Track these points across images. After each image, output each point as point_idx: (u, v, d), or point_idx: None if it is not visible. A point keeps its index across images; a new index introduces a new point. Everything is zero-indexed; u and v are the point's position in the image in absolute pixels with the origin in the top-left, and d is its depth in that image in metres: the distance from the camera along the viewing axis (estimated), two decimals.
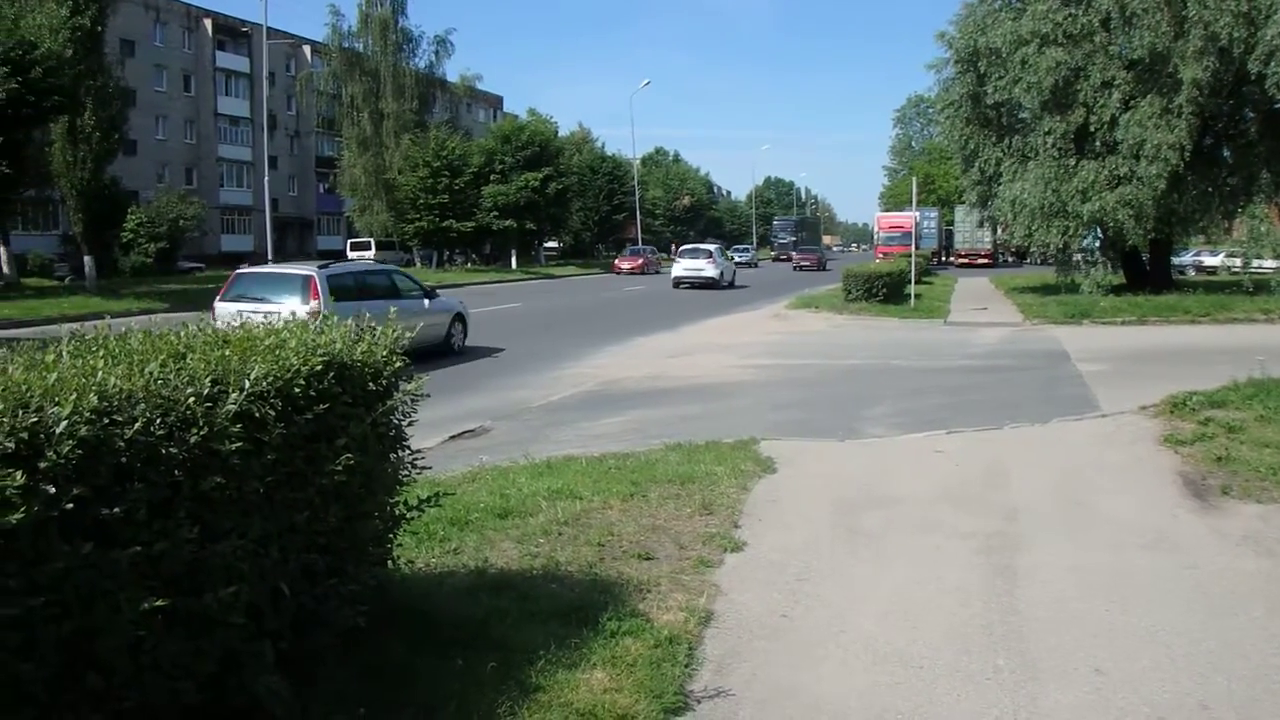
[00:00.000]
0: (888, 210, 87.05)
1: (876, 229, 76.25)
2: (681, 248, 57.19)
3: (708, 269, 46.06)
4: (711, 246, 54.56)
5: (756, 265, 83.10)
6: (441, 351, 18.50)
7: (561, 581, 5.81)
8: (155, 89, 69.33)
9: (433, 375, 5.75)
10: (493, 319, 26.91)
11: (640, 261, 65.78)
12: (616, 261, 68.06)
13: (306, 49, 78.11)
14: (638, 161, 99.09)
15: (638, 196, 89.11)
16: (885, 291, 30.49)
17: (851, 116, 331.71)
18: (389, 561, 5.08)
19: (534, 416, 12.69)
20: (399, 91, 62.69)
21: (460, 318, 20.04)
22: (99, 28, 39.27)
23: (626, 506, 7.45)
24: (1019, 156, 30.71)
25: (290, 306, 14.36)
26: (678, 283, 45.69)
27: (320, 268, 16.97)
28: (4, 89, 30.49)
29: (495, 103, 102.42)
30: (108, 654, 3.13)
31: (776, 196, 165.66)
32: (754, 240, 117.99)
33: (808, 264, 72.19)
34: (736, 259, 69.98)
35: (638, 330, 24.87)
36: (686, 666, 4.84)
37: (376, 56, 62.68)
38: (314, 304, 15.42)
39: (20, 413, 2.96)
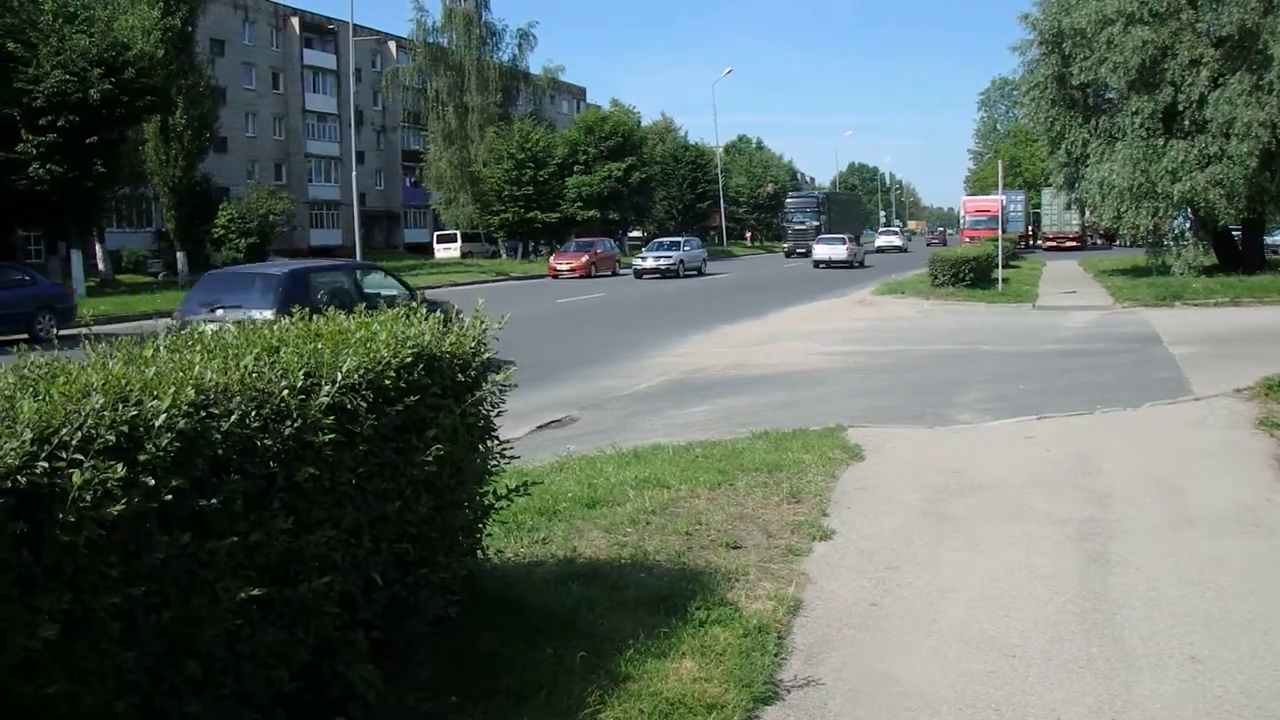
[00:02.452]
0: (973, 194, 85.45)
1: (962, 213, 75.05)
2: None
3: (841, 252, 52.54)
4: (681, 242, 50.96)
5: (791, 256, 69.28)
6: None
7: (650, 570, 5.80)
8: (245, 87, 70.81)
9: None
10: (579, 309, 27.03)
11: (585, 260, 47.89)
12: (552, 261, 49.96)
13: (392, 45, 79.15)
14: (721, 149, 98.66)
15: (721, 185, 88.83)
16: (972, 276, 30.00)
17: (935, 99, 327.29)
18: (479, 551, 5.11)
19: (619, 406, 12.71)
20: (483, 85, 63.24)
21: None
22: (189, 28, 40.30)
23: (714, 495, 7.42)
24: (1106, 137, 30.00)
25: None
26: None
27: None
28: (99, 90, 31.45)
29: (578, 94, 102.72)
30: (206, 642, 3.18)
31: (860, 182, 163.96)
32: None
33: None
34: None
35: (721, 318, 24.78)
36: (776, 656, 4.79)
37: (460, 51, 63.29)
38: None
39: (120, 406, 3.01)
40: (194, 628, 3.13)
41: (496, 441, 5.06)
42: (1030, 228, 76.59)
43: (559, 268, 47.45)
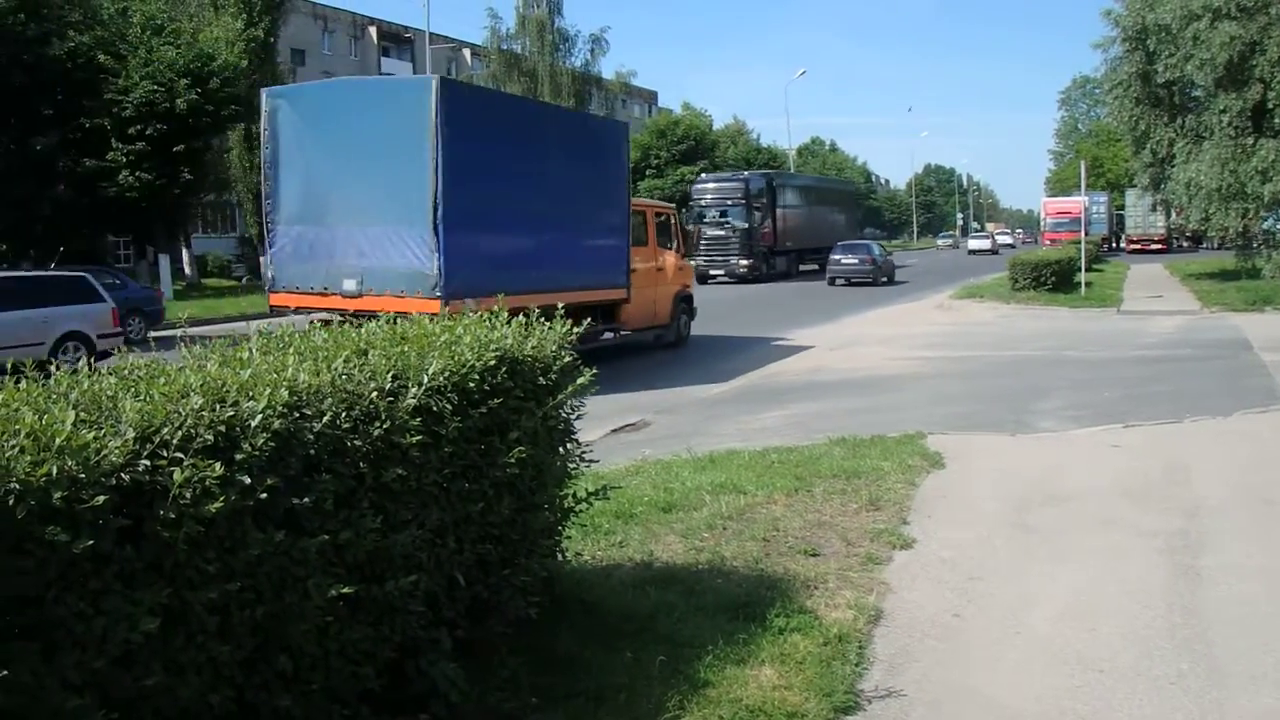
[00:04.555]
0: (1054, 195, 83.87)
1: (1043, 215, 73.63)
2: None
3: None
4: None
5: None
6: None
7: (727, 577, 5.79)
8: None
9: None
10: None
11: None
12: None
13: (466, 52, 79.95)
14: (794, 152, 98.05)
15: None
16: (1054, 280, 29.48)
17: (1014, 98, 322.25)
18: (558, 553, 5.15)
19: (694, 410, 12.71)
20: (556, 90, 63.56)
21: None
22: (272, 38, 41.06)
23: (791, 501, 7.38)
24: (1193, 137, 29.30)
25: None
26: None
27: None
28: (185, 100, 32.28)
29: (650, 98, 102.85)
30: (297, 638, 3.26)
31: (937, 184, 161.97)
32: (915, 230, 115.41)
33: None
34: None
35: (794, 322, 24.64)
36: (857, 665, 4.75)
37: (534, 57, 63.74)
38: None
39: (218, 407, 3.10)
40: (286, 623, 3.20)
41: (576, 444, 5.10)
42: (1113, 230, 75.01)
43: None
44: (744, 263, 43.62)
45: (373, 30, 77.08)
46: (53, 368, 3.40)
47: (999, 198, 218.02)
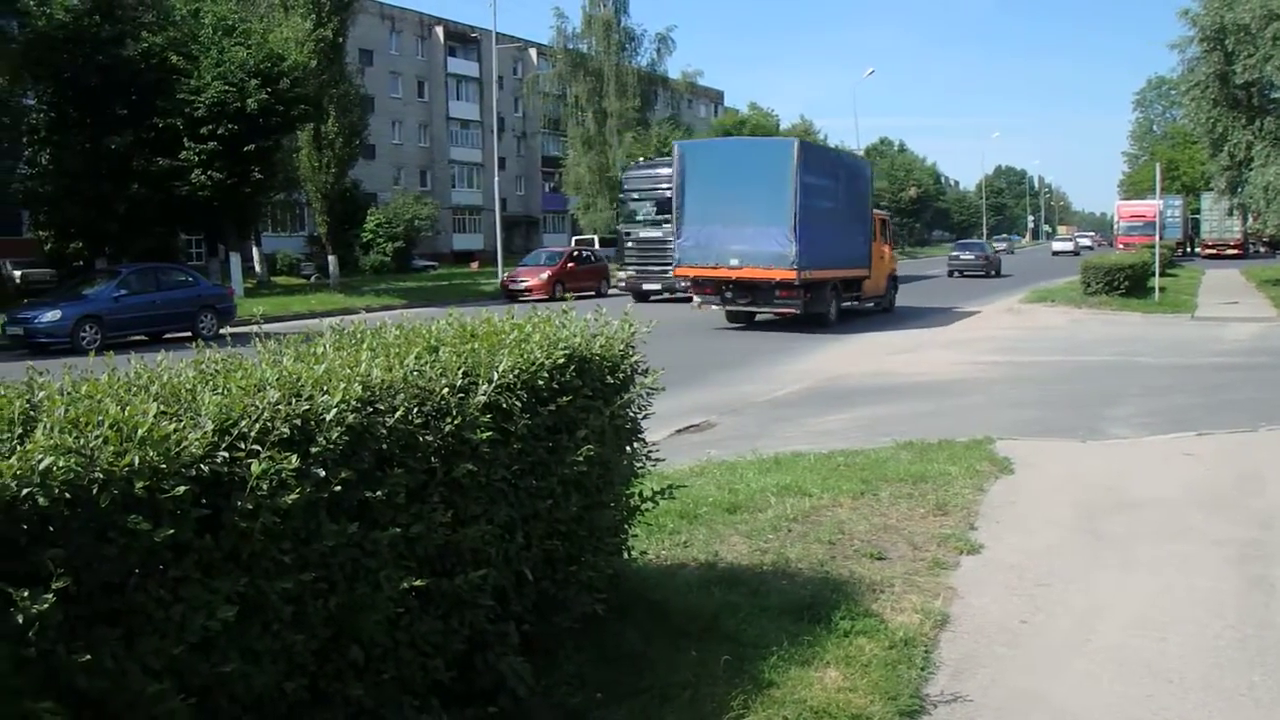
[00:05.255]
0: (1128, 199, 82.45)
1: (1116, 219, 72.40)
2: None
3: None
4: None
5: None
6: None
7: (792, 578, 5.76)
8: (391, 95, 72.89)
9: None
10: (716, 314, 27.02)
11: (548, 277, 36.40)
12: (506, 280, 38.42)
13: (532, 52, 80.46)
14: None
15: None
16: (1127, 284, 28.93)
17: (1087, 100, 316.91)
18: (624, 551, 5.17)
19: (758, 412, 12.65)
20: (621, 90, 63.60)
21: None
22: (340, 39, 41.48)
23: (857, 505, 7.33)
24: (1272, 140, 28.65)
25: None
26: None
27: None
28: (256, 100, 32.78)
29: (716, 98, 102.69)
30: (369, 629, 3.30)
31: (1008, 185, 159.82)
32: (984, 232, 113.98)
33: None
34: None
35: (861, 325, 24.47)
36: (922, 670, 4.72)
37: (600, 56, 63.81)
38: None
39: (294, 401, 3.15)
40: (358, 614, 3.25)
41: (643, 444, 5.11)
42: (1188, 234, 73.50)
43: (515, 287, 36.43)
44: None
45: (439, 30, 77.84)
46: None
47: (1071, 200, 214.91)
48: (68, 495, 2.48)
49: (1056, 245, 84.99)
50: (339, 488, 3.12)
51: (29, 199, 34.64)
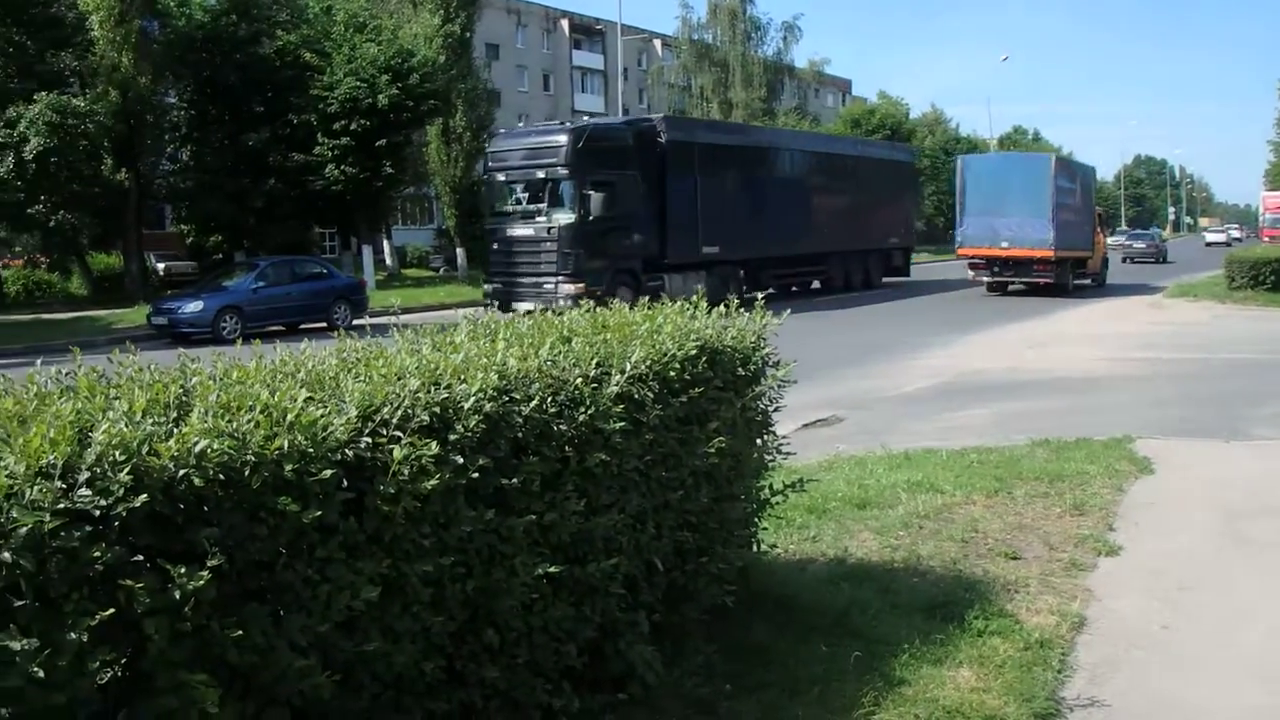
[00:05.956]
0: (1275, 189, 78.82)
1: (1262, 210, 69.37)
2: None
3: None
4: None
5: None
6: None
7: (923, 576, 5.67)
8: (518, 89, 73.83)
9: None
10: (839, 305, 26.79)
11: None
12: None
13: (657, 43, 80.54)
14: (994, 142, 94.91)
15: None
16: (1274, 279, 27.61)
17: (1228, 86, 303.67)
18: (753, 544, 5.15)
19: (887, 407, 12.45)
20: (747, 80, 63.26)
21: None
22: (468, 34, 42.09)
23: (991, 503, 7.17)
24: None
25: None
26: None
27: None
28: (386, 95, 33.60)
29: (844, 86, 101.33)
30: (504, 613, 3.36)
31: (1148, 176, 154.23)
32: (1123, 223, 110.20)
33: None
34: None
35: (996, 319, 23.91)
36: (1058, 672, 4.59)
37: (725, 46, 63.61)
38: None
39: (433, 389, 3.22)
40: (494, 598, 3.31)
41: (773, 437, 5.08)
42: None
43: None
44: (568, 287, 22.08)
45: (565, 23, 78.53)
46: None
47: (1213, 191, 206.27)
48: (221, 477, 2.57)
49: (1210, 236, 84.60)
50: (476, 474, 3.18)
51: (171, 194, 36.17)
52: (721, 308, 4.91)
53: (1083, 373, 15.15)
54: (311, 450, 2.75)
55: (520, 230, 23.47)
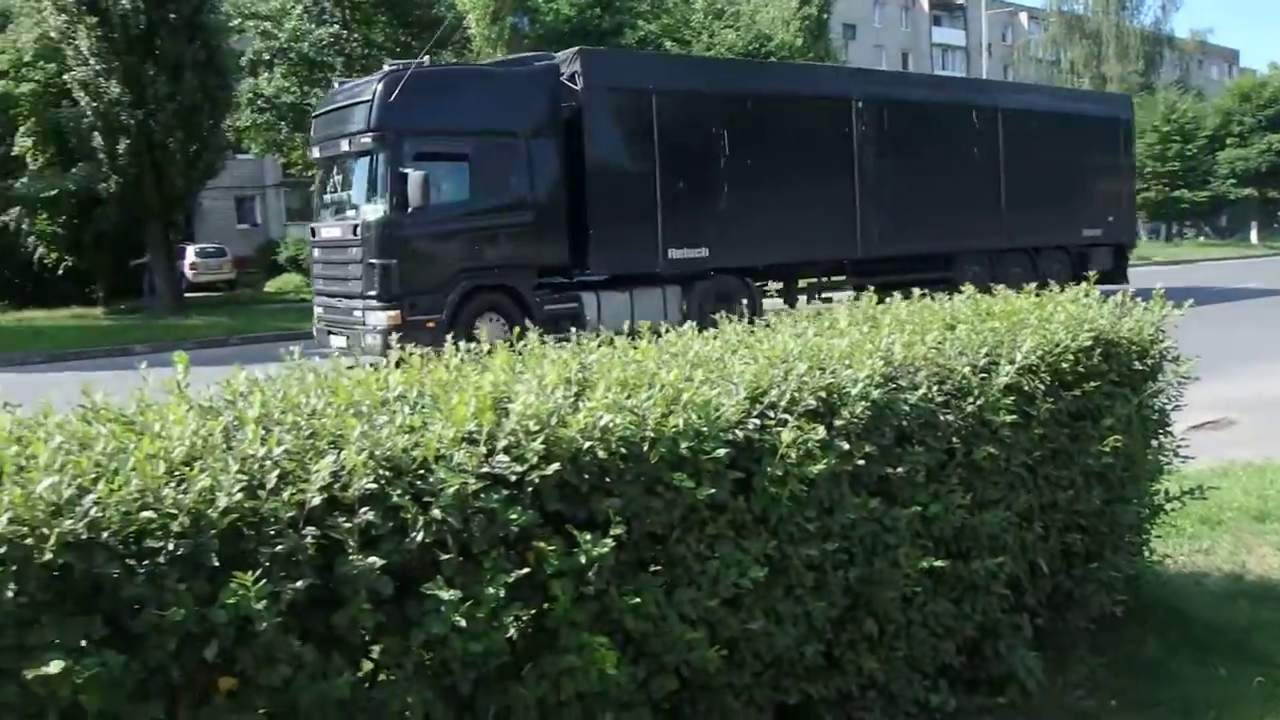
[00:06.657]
0: None
1: None
2: None
3: None
4: None
5: None
6: None
7: None
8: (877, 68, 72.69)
9: None
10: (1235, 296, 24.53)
11: None
12: None
13: (1023, 16, 76.80)
14: None
15: None
16: None
17: None
18: (1144, 552, 4.81)
19: None
20: (1122, 52, 59.08)
21: None
22: (825, 15, 41.80)
23: None
24: None
25: None
26: None
27: None
28: None
29: (1229, 58, 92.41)
30: (884, 604, 3.31)
31: None
32: None
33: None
34: None
35: None
36: None
37: (1098, 17, 59.72)
38: None
39: (819, 373, 3.21)
40: (875, 588, 3.27)
41: (1170, 438, 4.71)
42: None
43: None
44: (378, 317, 13.71)
45: (924, 0, 76.41)
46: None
47: None
48: (623, 450, 2.69)
49: None
50: (861, 461, 3.15)
51: None
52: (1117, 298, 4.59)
53: None
54: (705, 429, 2.82)
55: (327, 231, 15.59)
